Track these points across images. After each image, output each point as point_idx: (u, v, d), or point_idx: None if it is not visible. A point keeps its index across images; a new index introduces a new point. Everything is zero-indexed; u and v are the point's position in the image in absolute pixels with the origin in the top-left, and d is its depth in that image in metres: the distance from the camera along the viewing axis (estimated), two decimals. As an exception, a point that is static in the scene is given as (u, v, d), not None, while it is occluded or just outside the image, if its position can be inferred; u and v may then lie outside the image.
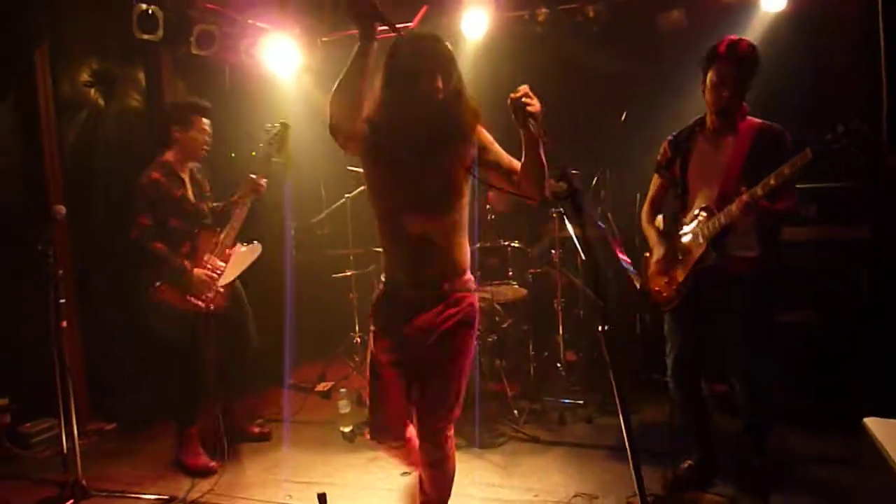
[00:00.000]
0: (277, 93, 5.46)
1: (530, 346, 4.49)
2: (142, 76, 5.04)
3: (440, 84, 2.15)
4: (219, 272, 3.62)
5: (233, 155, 4.45)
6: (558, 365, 4.46)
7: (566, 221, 4.25)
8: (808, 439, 3.53)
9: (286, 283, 4.64)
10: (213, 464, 3.58)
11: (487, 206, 4.57)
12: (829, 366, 3.62)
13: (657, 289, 3.13)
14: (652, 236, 3.20)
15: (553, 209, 4.36)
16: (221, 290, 3.62)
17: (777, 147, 2.77)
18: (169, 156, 3.63)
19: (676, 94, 3.66)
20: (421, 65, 2.14)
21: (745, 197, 2.70)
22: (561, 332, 4.42)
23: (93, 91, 4.62)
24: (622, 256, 2.30)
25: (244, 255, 3.72)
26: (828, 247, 3.68)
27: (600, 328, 1.92)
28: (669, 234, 3.11)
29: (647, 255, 3.23)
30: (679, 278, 3.02)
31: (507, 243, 4.40)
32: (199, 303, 3.54)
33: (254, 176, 3.70)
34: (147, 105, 4.96)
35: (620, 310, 4.21)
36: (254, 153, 3.80)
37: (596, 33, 4.65)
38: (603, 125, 4.70)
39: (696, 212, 2.94)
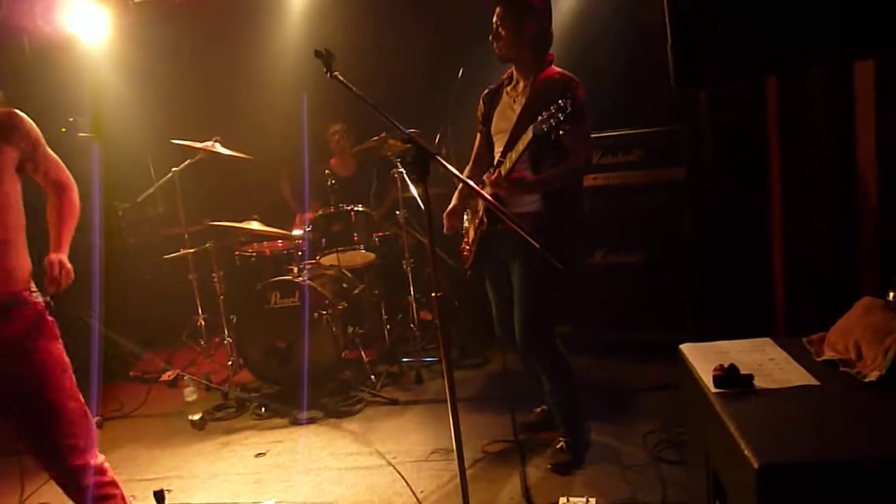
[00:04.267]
0: (88, 61, 4.94)
1: (383, 310, 4.45)
2: (-82, 48, 4.38)
3: None
4: None
5: (63, 130, 3.92)
6: (412, 326, 4.46)
7: (409, 182, 4.28)
8: (645, 369, 3.75)
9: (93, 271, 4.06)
10: None
11: (327, 172, 4.42)
12: (661, 300, 3.87)
13: (463, 247, 3.11)
14: (461, 195, 3.07)
15: (395, 170, 4.30)
16: None
17: (563, 96, 2.42)
18: None
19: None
20: None
21: (492, 176, 2.67)
22: (412, 292, 4.41)
23: None
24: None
25: None
26: (653, 189, 3.89)
27: (434, 295, 1.99)
28: (470, 194, 3.00)
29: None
30: (470, 239, 3.01)
31: (349, 207, 4.29)
32: None
33: None
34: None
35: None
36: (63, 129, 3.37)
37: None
38: (441, 82, 4.67)
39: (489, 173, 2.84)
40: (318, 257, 4.32)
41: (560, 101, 2.37)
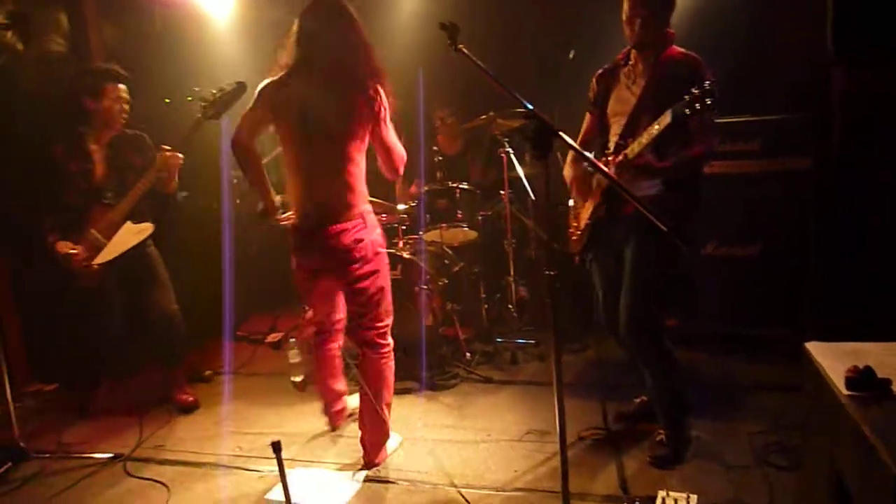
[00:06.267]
0: (213, 34, 5.18)
1: (482, 289, 4.46)
2: (64, 18, 4.72)
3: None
4: (92, 250, 3.41)
5: (167, 101, 4.15)
6: (510, 306, 4.45)
7: (514, 162, 4.25)
8: (756, 367, 3.60)
9: (223, 234, 4.33)
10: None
11: (435, 149, 4.45)
12: (777, 295, 3.68)
13: (570, 232, 3.04)
14: (567, 177, 3.02)
15: (502, 149, 4.28)
16: (96, 266, 3.40)
17: (691, 78, 2.40)
18: (81, 128, 3.48)
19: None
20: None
21: (618, 158, 2.61)
22: (512, 273, 4.39)
23: (9, 34, 4.29)
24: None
25: (129, 234, 3.49)
26: (773, 179, 3.69)
27: (547, 272, 1.98)
28: (585, 177, 2.94)
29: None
30: (581, 225, 2.93)
31: (455, 185, 4.30)
32: (79, 277, 3.42)
33: (167, 149, 3.42)
34: (71, 50, 4.66)
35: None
36: (199, 115, 3.44)
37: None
38: (550, 64, 4.60)
39: (606, 154, 2.79)
40: (421, 232, 4.37)
41: (707, 84, 2.28)
